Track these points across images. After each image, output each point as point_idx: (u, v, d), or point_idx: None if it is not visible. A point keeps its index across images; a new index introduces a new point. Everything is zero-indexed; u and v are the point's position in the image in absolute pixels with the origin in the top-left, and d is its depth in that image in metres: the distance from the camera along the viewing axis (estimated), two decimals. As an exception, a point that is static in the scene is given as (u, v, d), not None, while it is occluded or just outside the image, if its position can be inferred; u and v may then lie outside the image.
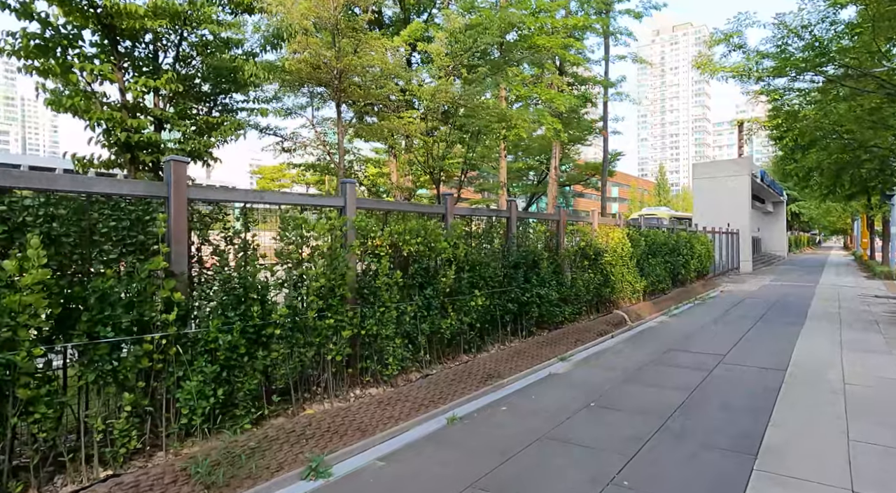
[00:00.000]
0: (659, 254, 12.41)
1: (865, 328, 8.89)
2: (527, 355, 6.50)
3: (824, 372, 6.11)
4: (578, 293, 8.42)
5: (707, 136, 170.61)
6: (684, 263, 14.01)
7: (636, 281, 10.67)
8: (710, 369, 6.37)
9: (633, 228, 11.54)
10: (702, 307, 12.00)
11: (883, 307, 11.50)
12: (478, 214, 6.72)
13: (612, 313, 9.47)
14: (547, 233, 8.31)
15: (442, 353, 5.58)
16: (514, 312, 6.69)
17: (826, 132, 11.14)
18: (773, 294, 14.44)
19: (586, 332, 8.01)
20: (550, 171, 15.86)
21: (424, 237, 5.22)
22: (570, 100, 13.64)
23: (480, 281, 6.18)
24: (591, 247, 9.05)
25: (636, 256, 10.94)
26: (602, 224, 10.23)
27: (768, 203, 38.00)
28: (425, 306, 5.27)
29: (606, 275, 9.47)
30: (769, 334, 8.51)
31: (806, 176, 13.47)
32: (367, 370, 4.62)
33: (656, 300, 11.60)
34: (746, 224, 23.81)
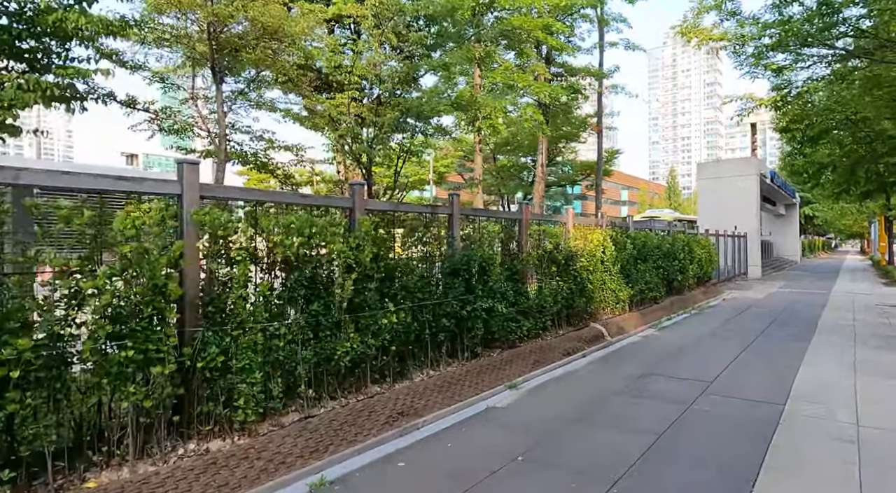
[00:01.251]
0: (650, 258, 11.13)
1: (884, 346, 7.57)
2: (463, 383, 5.31)
3: (832, 409, 4.84)
4: (543, 305, 7.21)
5: (720, 138, 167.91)
6: (681, 268, 12.70)
7: (620, 289, 9.42)
8: (690, 401, 5.13)
9: (620, 230, 10.29)
10: (698, 318, 10.70)
11: (904, 320, 10.12)
12: (402, 209, 5.56)
13: (588, 326, 8.23)
14: (505, 234, 7.11)
15: (339, 386, 4.41)
16: (449, 329, 5.51)
17: (838, 122, 9.83)
18: (780, 303, 13.07)
19: (550, 351, 6.79)
20: (537, 168, 14.66)
21: (310, 236, 4.07)
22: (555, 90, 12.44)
23: (401, 292, 5.01)
24: (562, 250, 7.83)
25: (621, 260, 9.69)
26: (579, 225, 9.00)
27: (780, 205, 36.34)
28: (311, 326, 4.12)
29: (581, 283, 8.24)
30: (769, 354, 7.22)
31: (817, 173, 12.13)
32: (209, 417, 3.46)
33: (646, 310, 10.32)
34: (755, 227, 22.36)
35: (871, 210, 21.52)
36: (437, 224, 6.00)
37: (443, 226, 6.07)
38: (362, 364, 4.53)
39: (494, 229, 6.79)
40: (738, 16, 6.69)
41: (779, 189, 28.48)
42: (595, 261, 8.75)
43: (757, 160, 22.33)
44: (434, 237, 5.85)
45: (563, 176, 22.46)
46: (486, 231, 6.73)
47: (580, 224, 9.03)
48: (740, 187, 22.40)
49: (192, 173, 3.50)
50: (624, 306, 9.64)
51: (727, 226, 21.55)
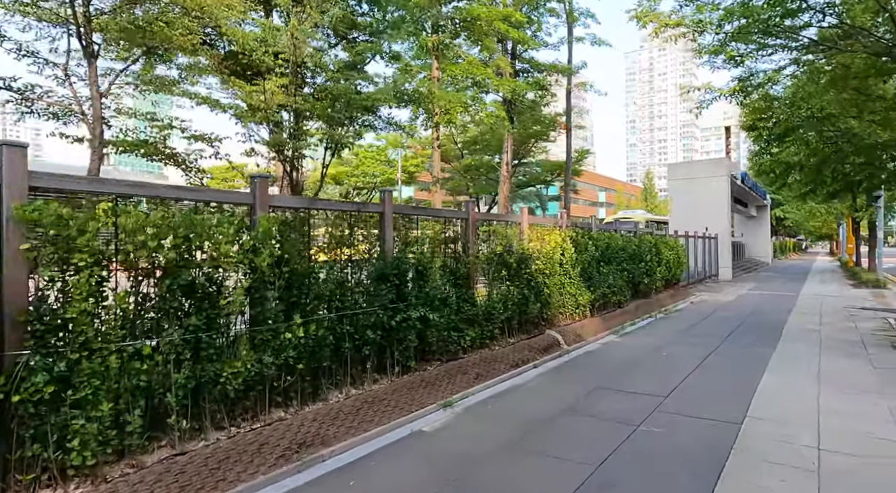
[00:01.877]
0: (614, 261, 10.69)
1: (850, 353, 7.20)
2: (388, 403, 4.70)
3: (792, 430, 4.37)
4: (491, 312, 6.65)
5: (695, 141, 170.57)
6: (648, 270, 12.30)
7: (580, 293, 8.93)
8: (639, 421, 4.61)
9: (581, 231, 9.81)
10: (663, 323, 10.28)
11: (871, 324, 9.85)
12: (320, 207, 4.92)
13: (543, 334, 7.71)
14: (449, 235, 6.53)
15: (228, 413, 3.77)
16: (375, 342, 4.90)
17: (803, 119, 9.52)
18: (748, 306, 12.79)
19: (496, 363, 6.23)
20: (502, 167, 14.15)
21: (186, 237, 3.43)
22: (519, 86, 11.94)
23: (313, 302, 4.39)
24: (514, 253, 7.29)
25: (581, 263, 9.20)
26: (536, 225, 8.48)
27: (751, 207, 36.62)
28: (189, 344, 3.47)
29: (536, 287, 7.72)
30: (731, 363, 6.79)
31: (784, 173, 11.86)
32: (35, 462, 2.79)
33: (608, 315, 9.86)
34: (725, 228, 22.25)
35: (840, 211, 21.56)
36: (367, 224, 5.39)
37: (374, 226, 5.46)
38: (259, 386, 3.89)
39: (434, 229, 6.20)
40: (696, 0, 6.26)
41: (750, 191, 28.55)
42: (552, 263, 8.24)
43: (728, 161, 22.24)
44: (363, 239, 5.23)
45: (534, 176, 22.01)
46: (427, 232, 6.15)
47: (537, 224, 8.51)
48: (712, 188, 22.27)
49: (17, 158, 2.83)
50: (584, 311, 9.15)
51: (699, 227, 21.38)
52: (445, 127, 12.20)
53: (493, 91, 14.10)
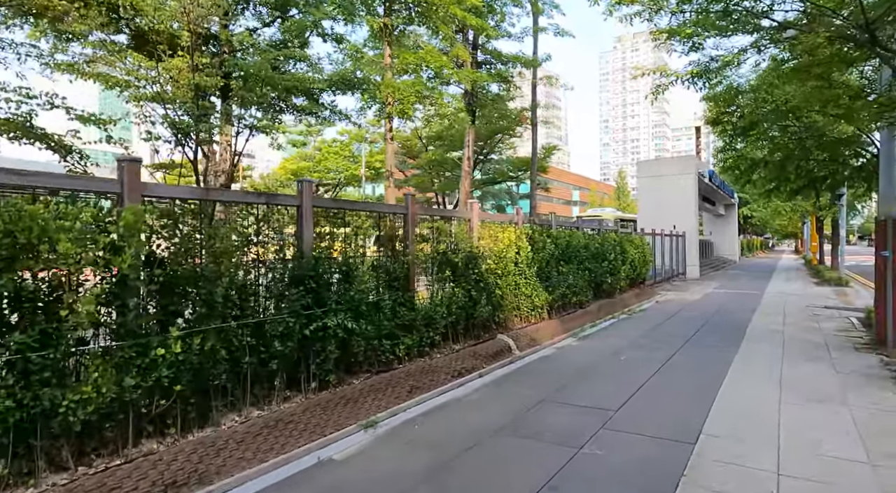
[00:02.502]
0: (575, 260, 10.22)
1: (813, 356, 6.85)
2: (296, 426, 4.06)
3: (750, 448, 3.89)
4: (433, 316, 6.06)
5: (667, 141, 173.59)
6: (611, 270, 11.90)
7: (537, 294, 8.42)
8: (583, 442, 4.08)
9: (539, 228, 9.31)
10: (625, 324, 9.86)
11: (833, 323, 9.61)
12: (214, 198, 4.23)
13: (494, 338, 7.16)
14: (385, 233, 5.90)
15: (75, 450, 3.08)
16: (285, 354, 4.25)
17: (767, 112, 9.19)
18: (713, 305, 12.52)
19: (435, 373, 5.64)
20: (463, 162, 13.58)
21: (8, 233, 2.73)
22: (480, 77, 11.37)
23: (201, 310, 3.72)
24: (461, 251, 6.71)
25: (538, 262, 8.69)
26: (488, 222, 7.93)
27: (719, 205, 36.97)
28: (15, 367, 2.78)
29: (487, 288, 7.16)
30: (691, 368, 6.34)
31: (748, 169, 11.58)
32: None
33: (568, 317, 9.39)
34: (693, 226, 22.19)
35: (804, 209, 21.68)
36: (283, 220, 4.72)
37: (291, 222, 4.80)
38: (121, 414, 3.21)
39: (363, 226, 5.56)
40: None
41: (717, 189, 28.68)
42: (506, 263, 7.70)
43: (696, 159, 22.17)
44: (276, 236, 4.56)
45: (501, 172, 21.50)
46: (361, 228, 5.51)
47: (490, 222, 7.95)
48: (679, 186, 22.17)
49: None
50: (542, 313, 8.65)
51: (667, 225, 21.24)
52: (401, 119, 11.58)
53: (454, 82, 13.53)
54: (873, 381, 5.72)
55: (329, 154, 25.51)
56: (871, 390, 5.37)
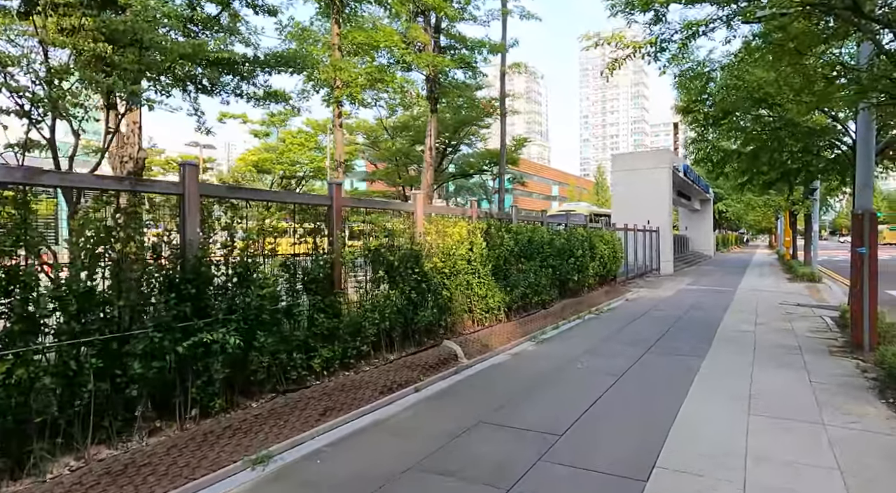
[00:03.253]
0: (537, 256, 9.55)
1: (785, 363, 6.28)
2: (157, 468, 3.26)
3: (710, 484, 3.23)
4: (360, 322, 5.29)
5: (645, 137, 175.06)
6: (579, 266, 11.27)
7: (492, 294, 7.71)
8: (514, 479, 3.37)
9: (497, 222, 8.60)
10: (590, 325, 9.23)
11: (806, 323, 9.12)
12: (49, 182, 3.34)
13: (439, 345, 6.42)
14: (304, 227, 5.11)
15: None
16: (145, 378, 3.43)
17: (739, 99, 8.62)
18: (685, 302, 12.00)
19: (361, 389, 4.88)
20: (425, 153, 12.80)
21: None
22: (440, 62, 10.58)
23: (14, 323, 2.89)
24: (399, 249, 5.95)
25: (494, 259, 7.98)
26: (436, 216, 7.18)
27: (695, 201, 36.88)
28: None
29: (432, 289, 6.42)
30: (652, 379, 5.70)
31: (721, 161, 11.04)
32: None
33: (529, 318, 8.71)
34: (667, 221, 21.79)
35: (778, 204, 21.44)
36: (158, 211, 3.89)
37: (172, 215, 3.97)
38: None
39: (269, 219, 4.75)
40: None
41: (692, 184, 28.42)
42: (455, 260, 6.96)
43: (670, 153, 21.75)
44: (139, 231, 3.73)
45: (470, 164, 20.74)
46: (268, 221, 4.70)
47: (439, 215, 7.21)
48: (654, 180, 21.74)
49: None
50: (498, 315, 7.95)
51: (641, 220, 20.78)
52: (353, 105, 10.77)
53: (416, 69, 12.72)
54: (851, 392, 5.14)
55: (293, 146, 24.38)
56: (849, 404, 4.78)
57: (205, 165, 26.96)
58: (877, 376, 5.63)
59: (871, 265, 6.75)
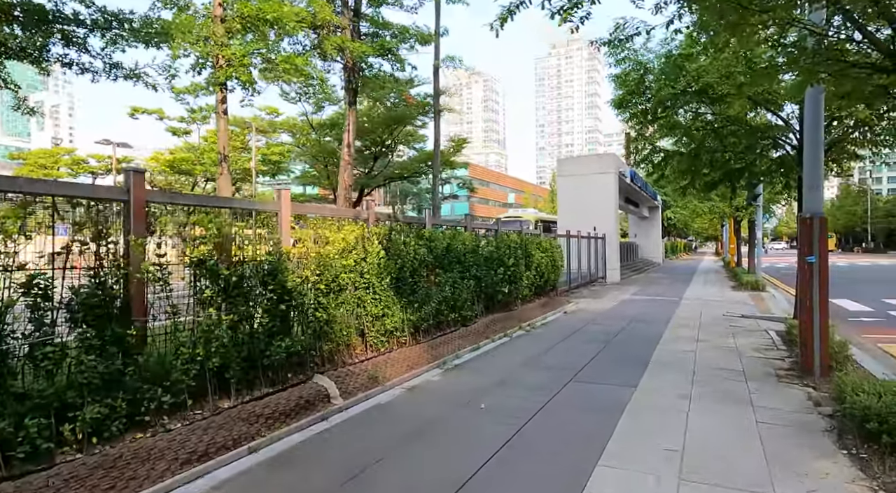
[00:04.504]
0: (457, 266, 8.33)
1: (727, 394, 5.24)
2: None
3: None
4: (166, 363, 3.86)
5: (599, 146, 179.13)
6: (510, 277, 10.13)
7: (392, 313, 6.40)
8: None
9: (405, 227, 7.33)
10: (516, 345, 8.06)
11: (751, 339, 8.26)
12: None
13: (307, 382, 5.04)
14: (90, 231, 3.65)
15: None
16: None
17: (678, 91, 7.70)
18: (626, 315, 11.05)
19: (149, 462, 3.43)
20: (342, 150, 11.42)
21: None
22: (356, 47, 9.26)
23: None
24: (242, 262, 4.55)
25: (396, 271, 6.68)
26: (317, 218, 5.82)
27: (643, 208, 36.93)
28: None
29: (300, 311, 5.05)
30: (566, 427, 4.51)
31: (662, 162, 10.18)
32: None
33: (443, 339, 7.45)
34: (614, 228, 21.15)
35: (722, 211, 21.18)
36: None
37: None
38: None
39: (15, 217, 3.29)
40: None
41: (640, 190, 28.15)
42: (336, 273, 5.61)
43: (616, 157, 21.16)
44: None
45: (404, 166, 19.41)
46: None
47: (317, 217, 5.84)
48: (599, 186, 21.09)
49: None
50: (400, 337, 6.64)
51: (587, 226, 20.04)
52: (246, 91, 9.31)
53: (333, 58, 11.37)
54: (804, 438, 4.10)
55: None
56: (804, 457, 3.72)
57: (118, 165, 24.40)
58: (832, 411, 4.64)
59: (822, 276, 5.83)
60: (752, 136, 8.74)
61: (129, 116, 20.92)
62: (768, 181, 9.70)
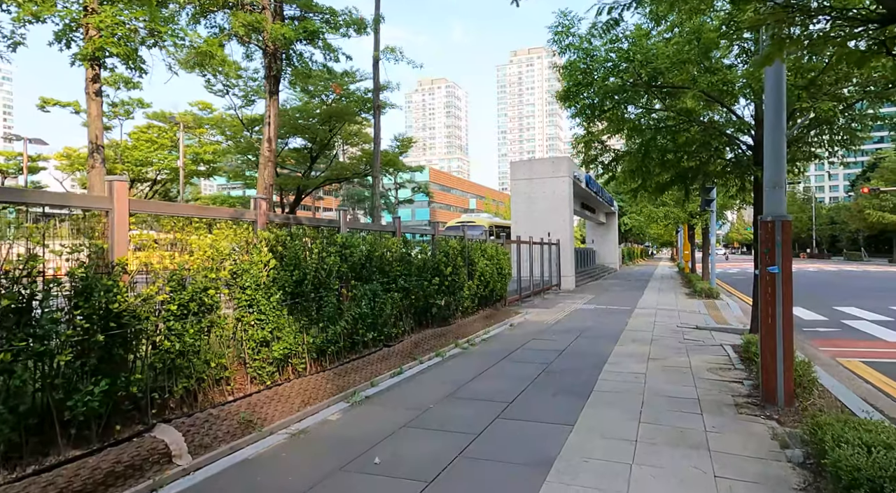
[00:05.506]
0: (378, 277, 7.21)
1: (680, 434, 4.31)
2: None
3: None
4: None
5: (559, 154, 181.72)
6: (447, 287, 9.10)
7: (285, 337, 5.22)
8: None
9: (309, 231, 6.17)
10: (447, 367, 7.00)
11: (707, 356, 7.48)
12: None
13: (145, 433, 3.80)
14: None
15: None
16: None
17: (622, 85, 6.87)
18: (575, 328, 10.19)
19: None
20: (262, 145, 10.15)
21: None
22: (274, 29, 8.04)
23: None
24: (18, 283, 3.29)
25: (292, 284, 5.51)
26: (170, 218, 4.60)
27: (600, 213, 36.80)
28: None
29: (136, 340, 3.82)
30: (476, 487, 3.46)
31: (612, 162, 9.37)
32: None
33: (357, 363, 6.30)
34: (568, 234, 20.51)
35: (677, 215, 20.86)
36: None
37: None
38: None
39: None
40: None
41: (596, 195, 27.78)
42: (197, 290, 4.39)
43: (570, 160, 20.53)
44: None
45: (344, 167, 18.11)
46: None
47: (170, 216, 4.62)
48: (554, 190, 20.43)
49: None
50: (297, 365, 5.46)
51: (541, 232, 19.32)
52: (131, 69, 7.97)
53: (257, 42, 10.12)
54: (776, 505, 3.18)
55: (142, 142, 20.39)
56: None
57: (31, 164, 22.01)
58: (803, 457, 3.77)
59: (785, 290, 5.03)
60: (706, 133, 8.02)
61: (39, 109, 18.81)
62: (722, 183, 9.04)
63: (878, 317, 12.05)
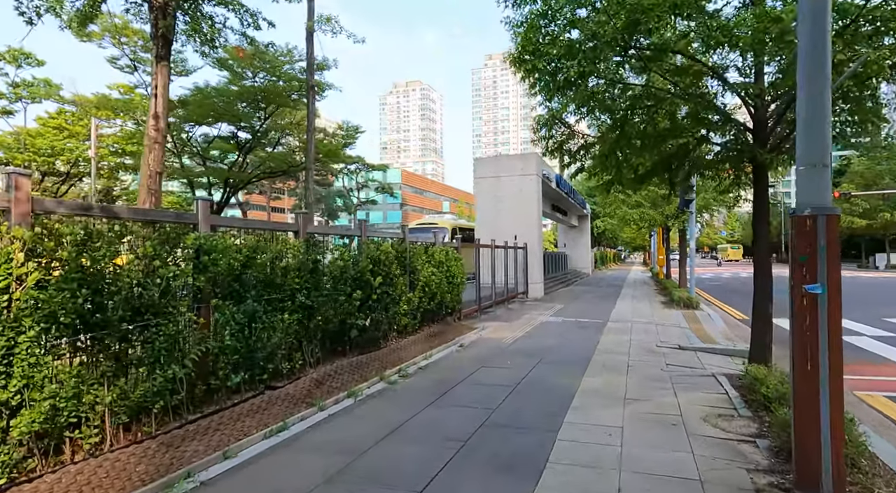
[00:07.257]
0: (263, 291, 5.27)
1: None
2: None
3: None
4: None
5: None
6: (377, 302, 7.20)
7: (58, 394, 3.23)
8: None
9: (121, 229, 4.20)
10: (354, 418, 5.09)
11: (699, 394, 5.75)
12: None
13: None
14: None
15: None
16: None
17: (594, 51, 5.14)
18: (534, 351, 8.39)
19: None
20: (147, 122, 8.11)
21: None
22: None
23: None
24: None
25: (72, 312, 3.52)
26: None
27: (572, 216, 35.43)
28: None
29: None
30: None
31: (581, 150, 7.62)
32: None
33: (213, 420, 4.35)
34: (537, 237, 18.83)
35: (653, 218, 19.39)
36: None
37: None
38: None
39: None
40: None
41: (567, 197, 26.28)
42: None
43: (538, 157, 18.88)
44: None
45: (283, 158, 15.96)
46: None
47: None
48: (521, 189, 18.75)
49: None
50: (85, 440, 3.48)
51: (508, 235, 17.55)
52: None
53: None
54: None
55: (48, 130, 17.81)
56: None
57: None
58: None
59: (833, 319, 3.29)
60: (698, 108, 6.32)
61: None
62: (712, 175, 7.38)
63: (877, 332, 10.64)
